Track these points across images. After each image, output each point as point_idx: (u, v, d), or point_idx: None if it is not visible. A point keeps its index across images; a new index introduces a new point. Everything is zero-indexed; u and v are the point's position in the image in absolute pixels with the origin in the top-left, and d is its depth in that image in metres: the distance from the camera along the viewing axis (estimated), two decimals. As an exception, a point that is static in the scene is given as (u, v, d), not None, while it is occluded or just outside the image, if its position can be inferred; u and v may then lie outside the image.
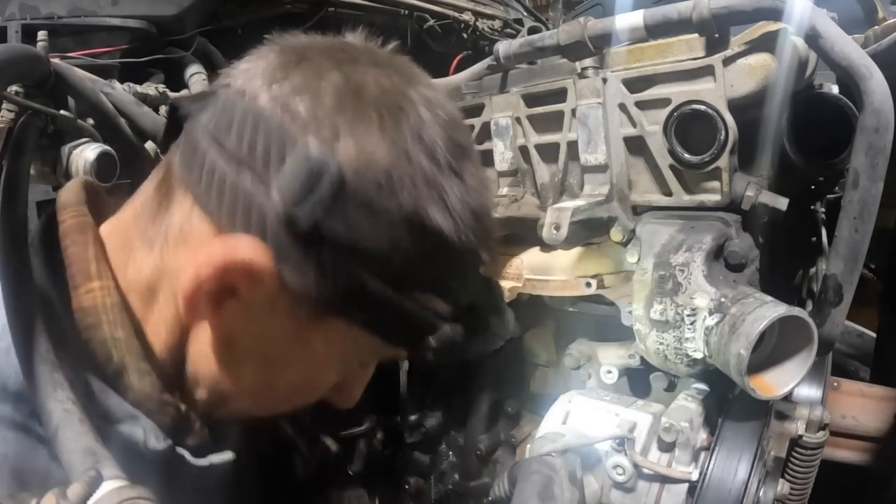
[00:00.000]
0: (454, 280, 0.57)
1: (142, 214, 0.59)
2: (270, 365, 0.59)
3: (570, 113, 0.90)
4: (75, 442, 0.48)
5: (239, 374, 0.58)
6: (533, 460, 0.75)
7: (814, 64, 0.83)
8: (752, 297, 0.74)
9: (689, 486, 0.75)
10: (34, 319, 0.54)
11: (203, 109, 0.55)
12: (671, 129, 0.81)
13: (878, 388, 1.21)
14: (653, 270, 0.80)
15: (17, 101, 0.68)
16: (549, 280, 0.93)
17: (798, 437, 0.82)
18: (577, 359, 1.00)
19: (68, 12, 1.67)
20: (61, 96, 0.77)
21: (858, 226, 0.72)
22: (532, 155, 0.98)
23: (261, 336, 0.56)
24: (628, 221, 0.88)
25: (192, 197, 0.54)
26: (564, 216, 0.81)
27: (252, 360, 0.58)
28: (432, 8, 2.16)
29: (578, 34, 0.85)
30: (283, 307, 0.53)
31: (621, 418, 0.80)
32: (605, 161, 0.88)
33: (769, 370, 0.75)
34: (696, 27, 0.77)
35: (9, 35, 1.59)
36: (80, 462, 0.47)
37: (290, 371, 0.59)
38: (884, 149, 0.70)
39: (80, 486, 0.43)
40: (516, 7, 2.63)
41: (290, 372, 0.59)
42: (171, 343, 0.58)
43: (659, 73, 0.83)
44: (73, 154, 0.70)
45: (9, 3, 1.62)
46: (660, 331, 0.79)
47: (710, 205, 0.83)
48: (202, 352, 0.57)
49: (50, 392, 0.51)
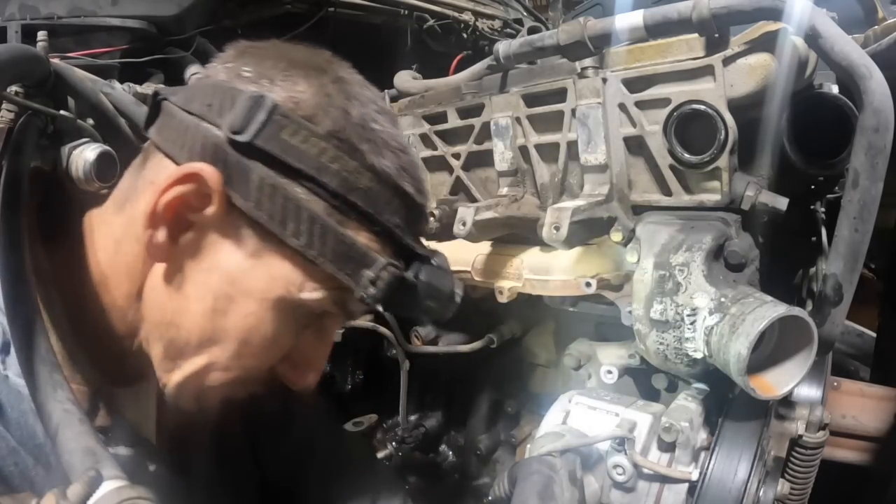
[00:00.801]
0: (386, 216, 0.62)
1: (121, 189, 0.67)
2: (217, 302, 0.61)
3: (570, 113, 0.90)
4: (75, 442, 0.48)
5: (188, 314, 0.61)
6: (533, 460, 0.75)
7: (814, 64, 0.83)
8: (752, 297, 0.74)
9: (689, 486, 0.75)
10: (34, 319, 0.54)
11: (176, 93, 0.65)
12: (671, 128, 0.81)
13: (878, 388, 1.21)
14: (653, 270, 0.80)
15: (17, 101, 0.68)
16: (549, 280, 0.93)
17: (798, 436, 0.82)
18: (577, 359, 1.00)
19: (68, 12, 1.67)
20: (61, 96, 0.77)
21: (858, 226, 0.72)
22: (532, 155, 0.98)
23: (209, 270, 0.61)
24: (628, 221, 0.88)
25: (161, 153, 0.62)
26: (564, 216, 0.81)
27: (200, 298, 0.61)
28: (432, 8, 2.16)
29: (578, 34, 0.85)
30: (230, 237, 0.60)
31: (621, 418, 0.80)
32: (605, 161, 0.88)
33: (769, 370, 0.75)
34: (696, 27, 0.77)
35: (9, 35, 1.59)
36: (80, 462, 0.47)
37: (236, 311, 0.61)
38: (884, 149, 0.70)
39: (80, 486, 0.43)
40: (516, 7, 2.63)
41: (236, 312, 0.61)
42: (131, 292, 0.63)
43: (659, 72, 0.82)
44: (73, 154, 0.70)
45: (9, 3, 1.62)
46: (660, 331, 0.79)
47: (710, 205, 0.83)
48: (155, 297, 0.62)
49: (50, 392, 0.51)
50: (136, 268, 0.63)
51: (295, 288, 0.61)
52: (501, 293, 0.97)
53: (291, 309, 0.62)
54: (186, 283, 0.61)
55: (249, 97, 0.58)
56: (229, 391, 0.66)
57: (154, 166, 0.63)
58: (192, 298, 0.61)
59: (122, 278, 0.64)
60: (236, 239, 0.60)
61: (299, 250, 0.59)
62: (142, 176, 0.64)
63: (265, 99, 0.58)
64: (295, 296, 0.61)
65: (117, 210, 0.66)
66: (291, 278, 0.61)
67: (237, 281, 0.60)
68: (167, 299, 0.62)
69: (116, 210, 0.66)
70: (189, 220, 0.60)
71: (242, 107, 0.58)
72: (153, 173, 0.63)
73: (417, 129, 1.14)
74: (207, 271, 0.61)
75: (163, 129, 0.63)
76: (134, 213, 0.63)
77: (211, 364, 0.63)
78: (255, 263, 0.60)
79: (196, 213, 0.59)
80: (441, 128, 1.12)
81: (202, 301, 0.61)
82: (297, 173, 0.58)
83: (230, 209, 0.59)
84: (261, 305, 0.61)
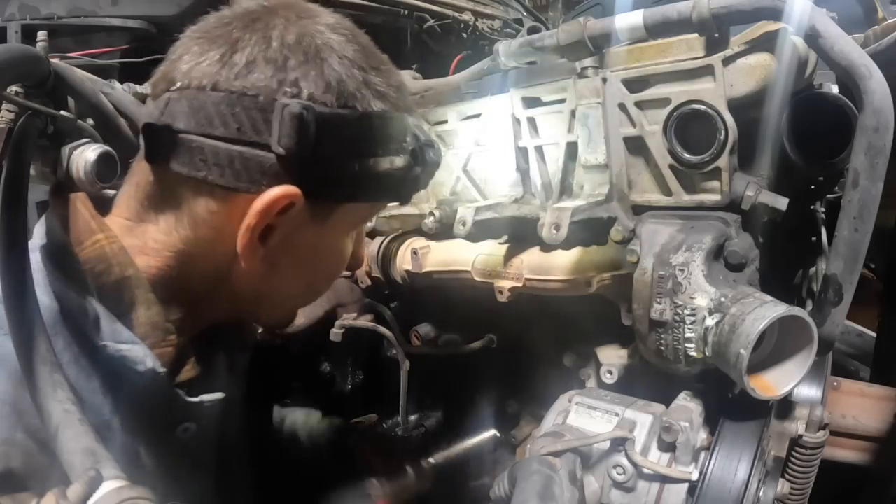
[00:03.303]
0: (402, 137, 0.70)
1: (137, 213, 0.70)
2: (308, 266, 0.74)
3: (570, 113, 0.90)
4: (75, 442, 0.48)
5: (284, 281, 0.73)
6: (533, 460, 0.75)
7: (814, 64, 0.83)
8: (751, 297, 0.74)
9: (689, 486, 0.75)
10: (34, 320, 0.54)
11: (175, 118, 0.63)
12: (671, 128, 0.81)
13: (878, 387, 1.21)
14: (653, 270, 0.80)
15: (17, 101, 0.68)
16: (549, 280, 0.93)
17: (798, 436, 0.82)
18: (577, 359, 1.00)
19: (68, 12, 1.67)
20: (61, 96, 0.77)
21: (858, 226, 0.72)
22: (532, 155, 0.98)
23: (297, 248, 0.70)
24: (628, 221, 0.88)
25: (202, 188, 0.65)
26: (564, 216, 0.81)
27: (293, 268, 0.73)
28: (432, 8, 2.17)
29: (578, 34, 0.85)
30: (307, 219, 0.67)
31: (621, 418, 0.80)
32: (604, 161, 0.88)
33: (769, 370, 0.75)
34: (696, 27, 0.77)
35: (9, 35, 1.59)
36: (80, 462, 0.47)
37: (323, 263, 0.76)
38: (884, 149, 0.69)
39: (80, 486, 0.43)
40: (516, 7, 2.63)
41: (323, 264, 0.76)
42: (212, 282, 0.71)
43: (659, 72, 0.82)
44: (74, 154, 0.70)
45: (9, 3, 1.62)
46: (660, 331, 0.79)
47: (710, 205, 0.83)
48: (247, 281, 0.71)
49: (50, 392, 0.51)
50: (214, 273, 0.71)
51: (361, 223, 0.80)
52: (501, 293, 0.97)
53: (352, 234, 0.77)
54: (278, 266, 0.70)
55: (291, 115, 0.60)
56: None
57: (201, 201, 0.66)
58: (284, 272, 0.72)
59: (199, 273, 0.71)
60: (312, 219, 0.68)
61: (365, 201, 0.71)
62: (183, 208, 0.67)
63: (307, 112, 0.60)
64: (361, 228, 0.80)
65: (148, 230, 0.69)
66: (360, 217, 0.77)
67: (320, 245, 0.73)
68: (261, 283, 0.72)
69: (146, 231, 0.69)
70: (272, 225, 0.66)
71: (289, 126, 0.60)
72: (205, 206, 0.66)
73: (417, 129, 1.14)
74: (295, 250, 0.70)
75: (192, 163, 0.63)
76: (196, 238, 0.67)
77: (309, 297, 0.82)
78: (332, 228, 0.71)
79: (278, 217, 0.65)
80: (441, 128, 1.12)
81: (295, 270, 0.73)
82: (345, 151, 0.65)
83: (306, 202, 0.65)
84: (340, 247, 0.76)
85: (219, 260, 0.69)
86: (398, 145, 0.69)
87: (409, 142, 0.71)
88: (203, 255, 0.69)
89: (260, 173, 0.62)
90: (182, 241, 0.68)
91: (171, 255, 0.69)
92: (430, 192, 1.17)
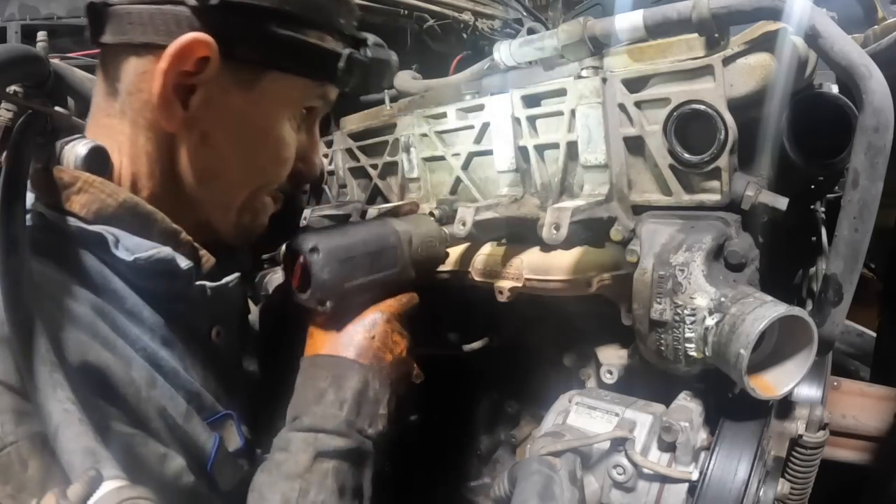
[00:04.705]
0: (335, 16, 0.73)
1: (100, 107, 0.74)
2: (244, 143, 0.74)
3: (570, 113, 0.90)
4: (75, 442, 0.48)
5: (223, 162, 0.74)
6: (533, 460, 0.75)
7: (814, 64, 0.83)
8: (752, 297, 0.74)
9: (689, 486, 0.75)
10: (34, 319, 0.54)
11: None
12: (671, 128, 0.81)
13: (878, 387, 1.21)
14: (653, 270, 0.80)
15: (16, 101, 0.68)
16: (549, 280, 0.93)
17: (798, 436, 0.82)
18: (577, 359, 1.00)
19: (68, 12, 1.67)
20: (61, 96, 0.78)
21: (858, 225, 0.72)
22: (532, 155, 0.98)
23: (226, 119, 0.72)
24: (628, 221, 0.88)
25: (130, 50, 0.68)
26: (564, 216, 0.81)
27: (228, 144, 0.74)
28: (432, 8, 2.16)
29: (578, 34, 0.85)
30: (232, 84, 0.70)
31: (621, 418, 0.80)
32: (604, 161, 0.88)
33: (769, 370, 0.75)
34: (696, 27, 0.77)
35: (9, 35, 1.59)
36: (80, 462, 0.47)
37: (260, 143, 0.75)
38: (884, 148, 0.69)
39: (80, 486, 0.43)
40: (516, 7, 2.63)
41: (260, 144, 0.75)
42: (163, 173, 0.73)
43: (658, 72, 0.82)
44: (66, 149, 0.70)
45: (9, 3, 1.62)
46: (660, 331, 0.79)
47: (710, 205, 0.83)
48: (188, 167, 0.73)
49: (50, 392, 0.51)
50: (161, 153, 0.72)
51: (296, 102, 0.77)
52: (501, 293, 0.96)
53: (294, 118, 0.78)
54: (210, 138, 0.72)
55: None
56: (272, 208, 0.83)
57: (131, 64, 0.69)
58: (220, 148, 0.73)
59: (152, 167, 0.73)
60: (238, 84, 0.70)
61: (291, 72, 0.72)
62: (122, 80, 0.70)
63: None
64: (298, 108, 0.77)
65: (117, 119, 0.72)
66: (292, 97, 0.76)
67: (252, 119, 0.73)
68: (200, 161, 0.73)
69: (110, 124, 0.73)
70: (192, 85, 0.68)
71: None
72: (134, 68, 0.69)
73: (417, 129, 1.14)
74: (225, 120, 0.72)
75: (121, 29, 0.68)
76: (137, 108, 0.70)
77: (256, 190, 0.79)
78: (260, 98, 0.72)
79: (197, 76, 0.68)
80: (441, 128, 1.12)
81: (231, 146, 0.74)
82: (263, 12, 0.68)
83: (224, 62, 0.68)
84: (279, 129, 0.76)
85: (160, 140, 0.72)
86: (328, 21, 0.72)
87: (343, 24, 0.74)
88: (148, 136, 0.71)
89: (175, 25, 0.66)
90: (131, 123, 0.71)
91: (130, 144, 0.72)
92: (430, 192, 1.17)
